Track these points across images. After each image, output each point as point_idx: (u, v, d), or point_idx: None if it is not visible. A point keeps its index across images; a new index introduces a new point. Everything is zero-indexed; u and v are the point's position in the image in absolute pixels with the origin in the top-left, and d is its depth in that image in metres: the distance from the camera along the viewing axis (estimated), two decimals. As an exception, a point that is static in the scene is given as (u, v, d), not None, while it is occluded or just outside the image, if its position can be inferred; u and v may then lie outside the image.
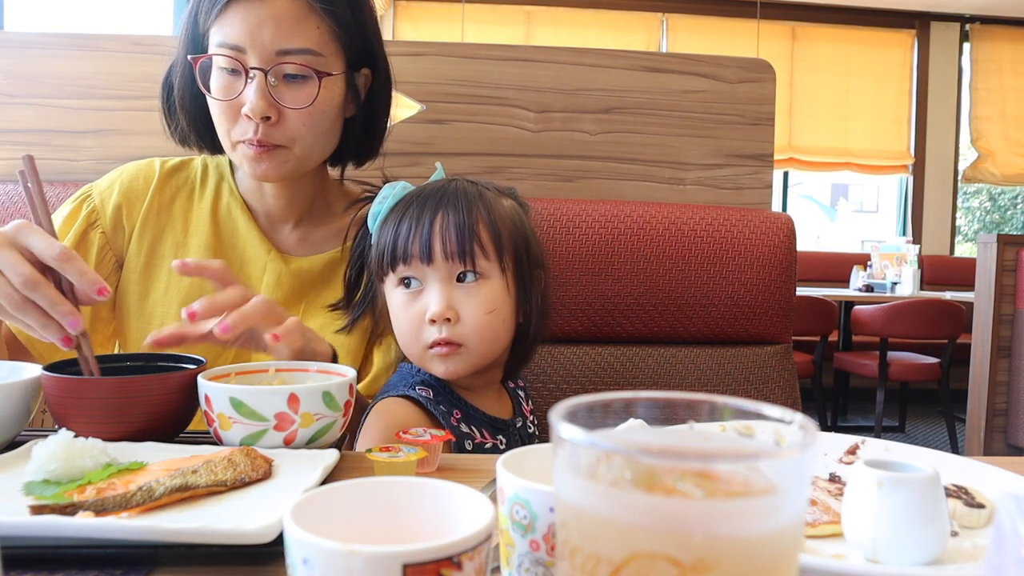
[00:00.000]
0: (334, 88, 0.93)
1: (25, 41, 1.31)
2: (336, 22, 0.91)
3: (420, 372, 0.87)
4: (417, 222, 0.81)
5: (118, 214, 0.99)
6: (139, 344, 0.97)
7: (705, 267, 1.24)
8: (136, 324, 0.98)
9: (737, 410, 0.34)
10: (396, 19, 5.41)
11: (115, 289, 0.99)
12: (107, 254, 0.98)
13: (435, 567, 0.32)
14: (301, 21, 0.88)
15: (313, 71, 0.89)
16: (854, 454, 0.72)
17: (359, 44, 0.95)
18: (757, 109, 1.38)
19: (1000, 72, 5.68)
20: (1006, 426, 2.39)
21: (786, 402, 1.26)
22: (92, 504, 0.49)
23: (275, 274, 0.98)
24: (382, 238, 0.84)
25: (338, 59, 0.93)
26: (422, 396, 0.83)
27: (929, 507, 0.50)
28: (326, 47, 0.91)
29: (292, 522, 0.33)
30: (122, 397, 0.65)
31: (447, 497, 0.39)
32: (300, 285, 1.00)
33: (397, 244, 0.82)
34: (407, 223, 0.82)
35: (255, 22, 0.86)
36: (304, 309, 0.99)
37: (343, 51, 0.93)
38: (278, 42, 0.87)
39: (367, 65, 0.98)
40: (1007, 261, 2.35)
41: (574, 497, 0.30)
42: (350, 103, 0.97)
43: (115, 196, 0.99)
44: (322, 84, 0.90)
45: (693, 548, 0.27)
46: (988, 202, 8.76)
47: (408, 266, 0.81)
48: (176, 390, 0.68)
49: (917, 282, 4.38)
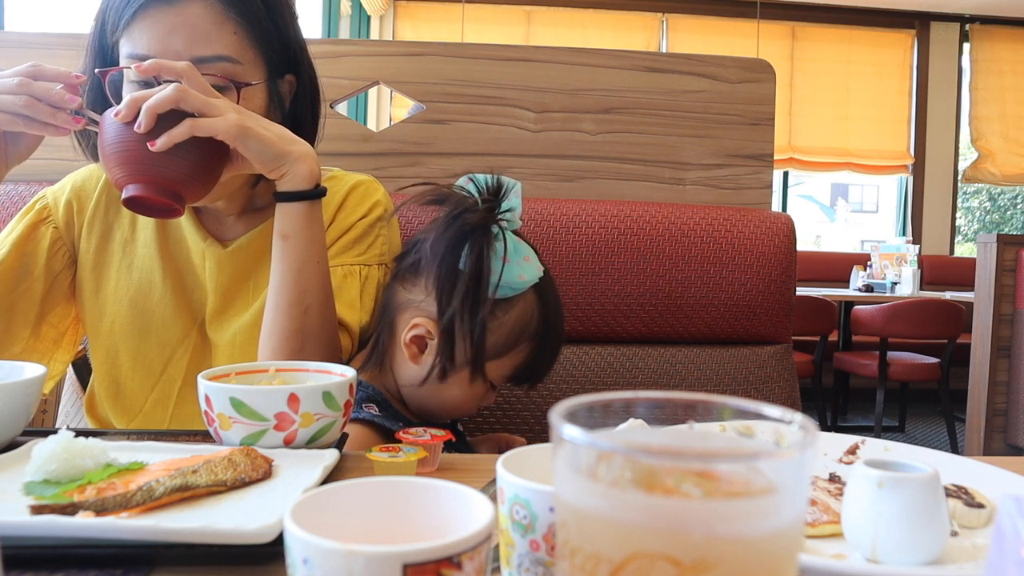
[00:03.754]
0: (255, 98, 0.89)
1: (25, 41, 1.31)
2: (253, 28, 0.87)
3: (360, 387, 0.88)
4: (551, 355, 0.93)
5: (69, 210, 0.99)
6: (95, 339, 0.98)
7: (705, 267, 1.24)
8: (90, 321, 0.99)
9: (737, 410, 0.34)
10: (396, 19, 5.41)
11: (70, 284, 1.00)
12: (60, 248, 0.98)
13: (435, 567, 0.32)
14: (216, 28, 0.84)
15: (231, 82, 0.85)
16: (854, 454, 0.72)
17: (279, 50, 0.91)
18: (757, 109, 1.38)
19: (1000, 72, 5.68)
20: (1006, 426, 2.39)
21: (786, 402, 1.26)
22: (92, 504, 0.49)
23: (214, 259, 0.97)
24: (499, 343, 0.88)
25: (257, 67, 0.89)
26: (373, 415, 0.85)
27: (929, 507, 0.50)
28: (244, 54, 0.87)
29: (292, 522, 0.33)
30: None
31: (447, 497, 0.39)
32: (242, 264, 0.97)
33: (532, 367, 0.91)
34: (548, 350, 0.92)
35: (166, 30, 0.82)
36: (253, 287, 0.97)
37: (263, 58, 0.89)
38: (192, 49, 0.83)
39: (290, 71, 0.95)
40: (1007, 261, 2.34)
41: (574, 497, 0.30)
42: (274, 111, 0.94)
43: (67, 194, 1.00)
44: (241, 95, 0.86)
45: (693, 548, 0.27)
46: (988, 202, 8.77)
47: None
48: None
49: (917, 282, 4.38)
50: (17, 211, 1.21)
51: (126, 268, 0.98)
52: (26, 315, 0.95)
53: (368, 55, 1.32)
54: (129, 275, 0.98)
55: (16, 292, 0.94)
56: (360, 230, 0.99)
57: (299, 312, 0.84)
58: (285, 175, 0.83)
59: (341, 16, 4.72)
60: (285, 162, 0.82)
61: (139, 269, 0.98)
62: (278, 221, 0.85)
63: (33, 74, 0.79)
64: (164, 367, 0.97)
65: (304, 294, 0.85)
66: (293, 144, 0.83)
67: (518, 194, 0.88)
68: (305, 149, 0.84)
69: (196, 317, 0.98)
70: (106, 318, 0.98)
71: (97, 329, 0.98)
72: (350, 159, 1.32)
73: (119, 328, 0.97)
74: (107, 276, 0.99)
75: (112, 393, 0.98)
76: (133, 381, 0.97)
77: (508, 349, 0.88)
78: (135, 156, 0.77)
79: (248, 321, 0.95)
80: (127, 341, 0.97)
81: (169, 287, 0.97)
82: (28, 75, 0.79)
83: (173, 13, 0.83)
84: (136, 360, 0.97)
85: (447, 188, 0.88)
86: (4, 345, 0.93)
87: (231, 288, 0.97)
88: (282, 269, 0.85)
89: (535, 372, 0.92)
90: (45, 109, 0.78)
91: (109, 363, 0.98)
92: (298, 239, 0.85)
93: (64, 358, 1.02)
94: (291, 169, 0.82)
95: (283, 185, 0.84)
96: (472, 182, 0.86)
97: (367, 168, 1.32)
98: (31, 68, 0.79)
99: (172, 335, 0.97)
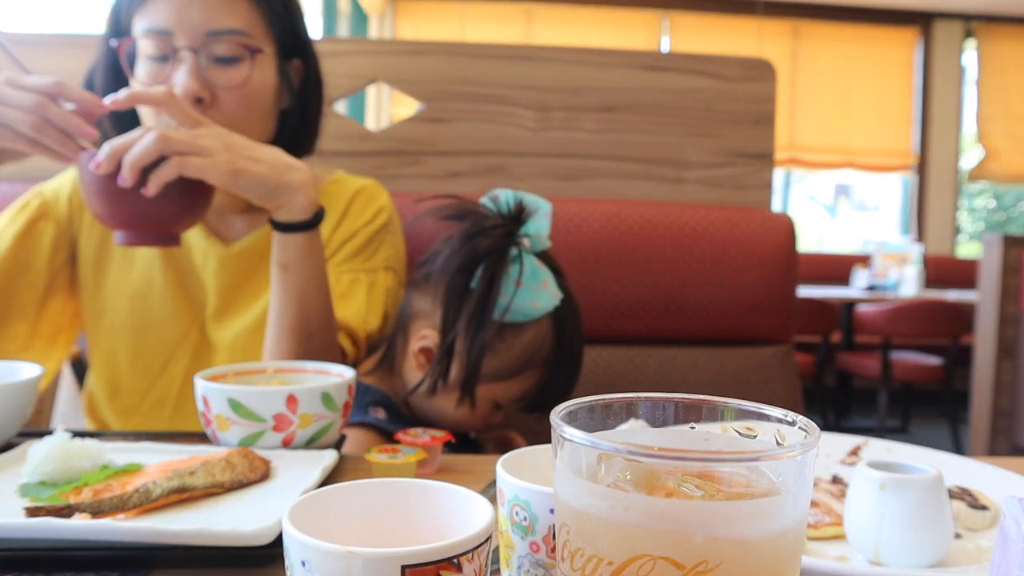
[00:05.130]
0: (266, 70, 0.92)
1: (24, 41, 1.31)
2: (265, 7, 0.91)
3: (368, 391, 0.88)
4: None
5: (70, 206, 0.99)
6: (94, 337, 0.98)
7: (706, 267, 1.24)
8: (89, 316, 0.99)
9: (738, 411, 0.33)
10: (396, 18, 5.41)
11: (70, 281, 0.99)
12: (61, 244, 0.97)
13: (434, 569, 0.32)
14: (230, 2, 0.88)
15: (245, 48, 0.88)
16: (856, 455, 0.71)
17: (289, 32, 0.95)
18: (758, 108, 1.38)
19: (1004, 70, 5.67)
20: (1010, 427, 2.39)
21: (788, 403, 1.26)
22: (89, 506, 0.49)
23: (216, 259, 0.97)
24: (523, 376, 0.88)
25: (268, 43, 0.92)
26: (379, 420, 0.85)
27: (932, 509, 0.50)
28: (256, 29, 0.90)
29: (290, 524, 0.33)
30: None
31: (447, 499, 0.38)
32: (245, 264, 0.97)
33: (542, 394, 0.90)
34: (559, 380, 0.90)
35: (182, 3, 0.85)
36: (254, 287, 0.97)
37: (273, 37, 0.93)
38: (208, 23, 0.86)
39: (298, 56, 0.98)
40: (1011, 261, 2.34)
41: (574, 498, 0.29)
42: (284, 93, 0.96)
43: (68, 189, 0.99)
44: (255, 63, 0.89)
45: (694, 550, 0.27)
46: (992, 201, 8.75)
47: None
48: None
49: (920, 282, 4.37)
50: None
51: (127, 266, 0.98)
52: (24, 311, 0.95)
53: (367, 53, 1.32)
54: (129, 273, 0.98)
55: (15, 287, 0.94)
56: (365, 236, 0.98)
57: (303, 338, 0.84)
58: (282, 207, 0.80)
59: (340, 14, 4.72)
60: (282, 195, 0.79)
61: (140, 268, 0.98)
62: (276, 251, 0.83)
63: (55, 93, 0.74)
64: (163, 366, 0.97)
65: (307, 321, 0.84)
66: (289, 173, 0.79)
67: (547, 215, 0.86)
68: (301, 178, 0.80)
69: (197, 317, 0.98)
70: (106, 316, 0.97)
71: (96, 327, 0.98)
72: (349, 158, 1.32)
73: (118, 326, 0.97)
74: (107, 273, 0.98)
75: (110, 392, 0.98)
76: (131, 380, 0.97)
77: (514, 374, 0.87)
78: (121, 205, 0.74)
79: (251, 324, 0.95)
80: (126, 339, 0.97)
81: (170, 286, 0.97)
82: (49, 93, 0.73)
83: None
84: (135, 359, 0.97)
85: (471, 203, 0.87)
86: (2, 341, 0.93)
87: (233, 288, 0.97)
88: (283, 299, 0.84)
89: (545, 400, 0.90)
90: (56, 136, 0.74)
91: (108, 361, 0.98)
92: (298, 269, 0.83)
93: (59, 356, 1.02)
94: (288, 201, 0.79)
95: (280, 216, 0.81)
96: (495, 202, 0.86)
97: (367, 167, 1.32)
98: (54, 86, 0.74)
99: (172, 334, 0.97)
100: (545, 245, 0.88)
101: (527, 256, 0.84)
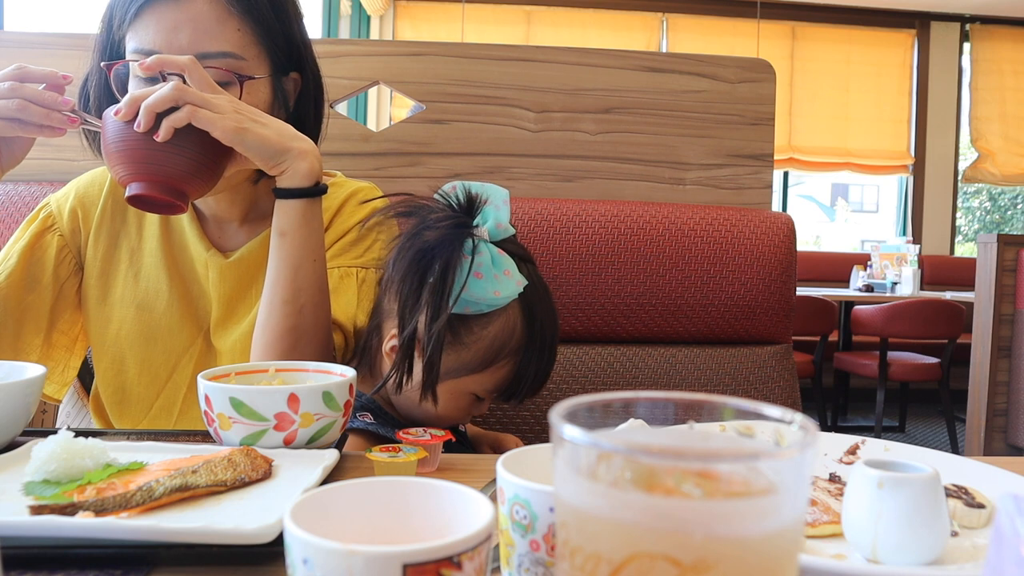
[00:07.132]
0: (259, 93, 0.89)
1: (25, 41, 1.31)
2: (258, 24, 0.88)
3: (356, 396, 0.87)
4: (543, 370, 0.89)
5: (74, 218, 0.99)
6: (100, 345, 0.98)
7: (705, 267, 1.24)
8: (95, 328, 0.99)
9: (737, 410, 0.33)
10: (396, 19, 5.41)
11: (77, 291, 0.99)
12: (66, 255, 0.98)
13: (435, 567, 0.32)
14: (220, 23, 0.85)
15: (234, 75, 0.86)
16: (854, 454, 0.71)
17: (284, 47, 0.92)
18: (757, 109, 1.38)
19: (1000, 72, 5.68)
20: (1006, 426, 2.39)
21: (786, 402, 1.26)
22: (92, 504, 0.49)
23: (216, 269, 0.97)
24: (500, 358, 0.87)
25: (262, 63, 0.90)
26: (367, 424, 0.85)
27: (929, 507, 0.50)
28: (247, 50, 0.87)
29: (292, 522, 0.33)
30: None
31: (447, 497, 0.39)
32: (244, 273, 0.97)
33: (518, 382, 0.89)
34: (533, 367, 0.88)
35: (171, 25, 0.83)
36: (255, 295, 0.97)
37: (267, 54, 0.90)
38: (196, 45, 0.84)
39: (295, 69, 0.95)
40: (1007, 261, 2.34)
41: (574, 497, 0.30)
42: (279, 109, 0.94)
43: (71, 200, 0.99)
44: (244, 89, 0.87)
45: (693, 548, 0.27)
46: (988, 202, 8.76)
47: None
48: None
49: (917, 282, 4.38)
50: (17, 211, 1.22)
51: (132, 276, 0.98)
52: (37, 324, 0.95)
53: (368, 55, 1.32)
54: (136, 283, 0.98)
55: (26, 301, 0.94)
56: (357, 233, 0.98)
57: (293, 310, 0.84)
58: (285, 172, 0.82)
59: (341, 16, 4.72)
60: (285, 159, 0.82)
61: (146, 277, 0.98)
62: (276, 217, 0.85)
63: (19, 76, 0.79)
64: (170, 374, 0.97)
65: (299, 292, 0.84)
66: (294, 140, 0.82)
67: (505, 202, 0.85)
68: (306, 146, 0.84)
69: (201, 326, 0.98)
70: (112, 325, 0.97)
71: (103, 336, 0.98)
72: (350, 159, 1.32)
73: (125, 335, 0.97)
74: (114, 283, 0.98)
75: (117, 399, 0.98)
76: (139, 388, 0.97)
77: (487, 364, 0.86)
78: (137, 154, 0.77)
79: (249, 328, 0.95)
80: (134, 348, 0.97)
81: (176, 295, 0.97)
82: (15, 78, 0.79)
83: (178, 9, 0.84)
84: (143, 367, 0.97)
85: (424, 199, 0.86)
86: (19, 355, 0.93)
87: (233, 297, 0.97)
88: (278, 266, 0.85)
89: (521, 388, 0.89)
90: (38, 111, 0.78)
91: (115, 370, 0.98)
92: (295, 236, 0.84)
93: (76, 363, 1.02)
94: (291, 166, 0.82)
95: (282, 182, 0.83)
96: (446, 195, 0.84)
97: (367, 168, 1.32)
98: (16, 71, 0.79)
99: (178, 343, 0.97)
100: (508, 233, 0.86)
101: (485, 245, 0.82)
